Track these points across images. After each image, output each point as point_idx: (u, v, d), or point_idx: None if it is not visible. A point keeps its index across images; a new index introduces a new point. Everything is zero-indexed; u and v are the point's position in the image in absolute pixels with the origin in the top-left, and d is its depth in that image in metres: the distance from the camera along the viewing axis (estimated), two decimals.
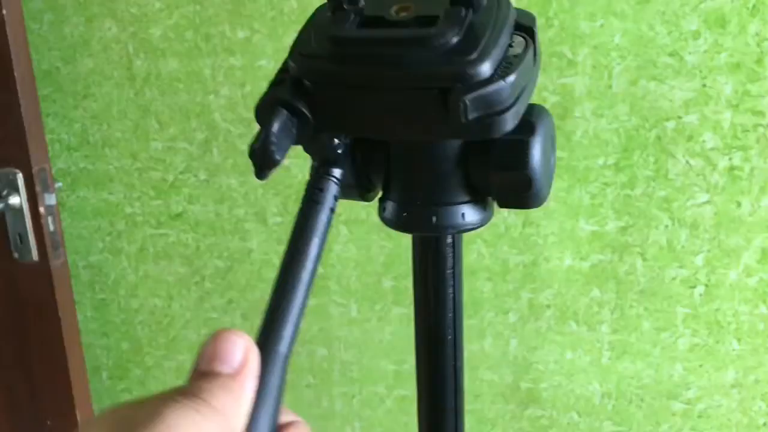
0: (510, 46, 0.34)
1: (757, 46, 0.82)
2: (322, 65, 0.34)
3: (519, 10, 0.37)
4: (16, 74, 1.00)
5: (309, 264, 0.33)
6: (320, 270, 1.08)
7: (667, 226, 0.91)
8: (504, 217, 0.97)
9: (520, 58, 0.34)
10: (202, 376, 0.29)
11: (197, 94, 1.04)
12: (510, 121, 0.33)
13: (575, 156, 0.92)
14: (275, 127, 0.33)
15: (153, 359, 1.24)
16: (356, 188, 0.39)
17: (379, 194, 0.41)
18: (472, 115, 0.32)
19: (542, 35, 0.88)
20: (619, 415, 1.01)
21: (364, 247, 1.04)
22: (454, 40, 0.32)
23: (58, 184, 1.15)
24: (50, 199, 1.06)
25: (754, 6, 0.81)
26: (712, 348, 0.94)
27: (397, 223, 0.39)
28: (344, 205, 0.84)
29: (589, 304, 0.98)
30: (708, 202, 0.89)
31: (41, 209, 1.05)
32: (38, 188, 1.04)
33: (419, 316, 0.42)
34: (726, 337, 0.93)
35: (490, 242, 0.99)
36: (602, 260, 0.96)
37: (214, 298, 1.16)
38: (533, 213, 0.96)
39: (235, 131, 1.05)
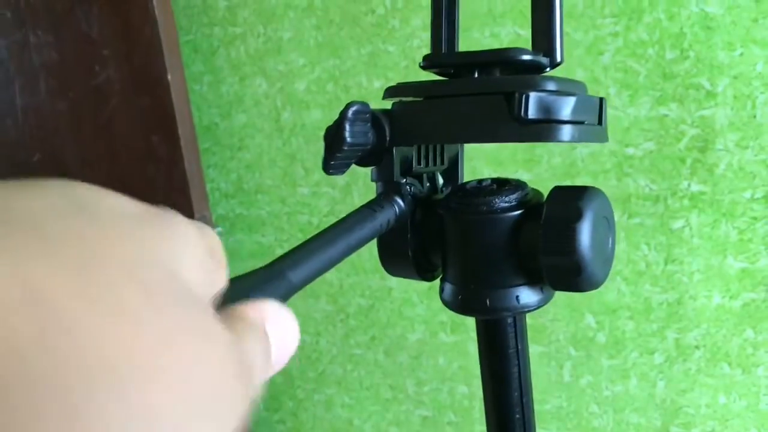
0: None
1: None
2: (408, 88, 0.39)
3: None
4: (180, 132, 1.11)
5: (348, 234, 0.35)
6: None
7: None
8: (644, 254, 0.94)
9: (583, 98, 0.36)
10: None
11: None
12: (566, 133, 0.34)
13: (719, 190, 0.88)
14: (351, 112, 0.36)
15: (304, 392, 1.31)
16: (415, 268, 0.41)
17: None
18: (532, 114, 0.34)
19: (677, 67, 0.86)
20: None
21: None
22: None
23: (218, 229, 1.25)
24: None
25: None
26: None
27: (453, 305, 0.40)
28: None
29: (742, 346, 0.92)
30: None
31: None
32: None
33: (486, 396, 0.43)
34: None
35: (630, 280, 0.96)
36: (755, 299, 0.90)
37: (358, 335, 1.21)
38: (676, 249, 0.92)
39: None
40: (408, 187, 0.40)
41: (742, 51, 0.82)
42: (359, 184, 1.11)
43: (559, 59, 0.36)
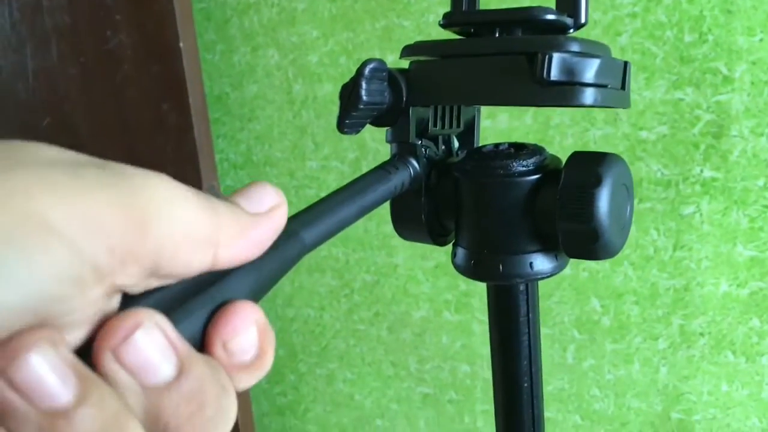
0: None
1: None
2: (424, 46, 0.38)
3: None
4: (190, 101, 1.10)
5: (362, 195, 0.35)
6: (463, 287, 1.09)
7: None
8: (653, 239, 0.94)
9: (608, 60, 0.35)
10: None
11: None
12: (589, 96, 0.33)
13: (732, 177, 0.87)
14: (369, 69, 0.36)
15: (306, 366, 1.31)
16: (428, 231, 0.40)
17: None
18: (554, 75, 0.33)
19: (695, 51, 0.85)
20: None
21: None
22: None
23: None
24: None
25: None
26: None
27: (466, 270, 0.40)
28: None
29: (747, 334, 0.92)
30: None
31: None
32: None
33: (495, 363, 0.42)
34: None
35: (637, 264, 0.96)
36: (763, 288, 0.89)
37: (362, 311, 1.21)
38: (685, 235, 0.92)
39: (383, 150, 1.09)
40: (423, 149, 0.39)
41: (761, 36, 0.81)
42: (369, 159, 1.10)
43: (583, 20, 0.36)
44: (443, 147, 0.44)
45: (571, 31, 0.37)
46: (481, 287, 1.08)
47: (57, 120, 1.19)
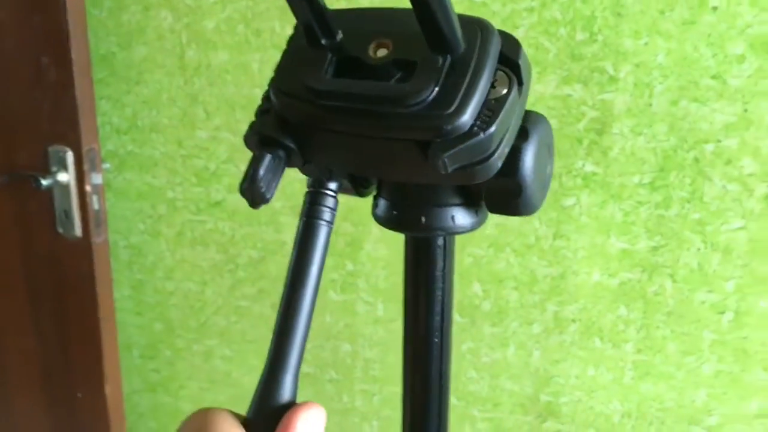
0: (492, 86, 0.32)
1: None
2: (303, 108, 0.34)
3: (503, 36, 0.34)
4: (73, 56, 1.04)
5: (312, 283, 0.34)
6: (350, 267, 1.09)
7: (699, 249, 0.90)
8: (535, 228, 0.97)
9: (502, 102, 0.32)
10: None
11: (244, 87, 1.07)
12: (494, 167, 0.33)
13: (610, 172, 0.92)
14: (262, 170, 0.34)
15: (183, 342, 1.27)
16: (352, 186, 0.39)
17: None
18: (453, 167, 0.32)
19: (585, 50, 0.89)
20: None
21: (395, 247, 1.05)
22: (431, 97, 0.31)
23: (106, 165, 1.19)
24: (97, 179, 1.10)
25: None
26: (737, 376, 0.93)
27: (387, 221, 0.39)
28: None
29: (615, 322, 0.98)
30: (742, 228, 0.88)
31: (87, 187, 1.09)
32: (86, 167, 1.08)
33: (407, 316, 0.42)
34: (752, 366, 0.92)
35: (519, 252, 0.99)
36: (631, 279, 0.95)
37: (246, 287, 1.19)
38: (565, 226, 0.96)
39: None
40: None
41: (647, 40, 0.86)
42: None
43: (462, 49, 0.32)
44: None
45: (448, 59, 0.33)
46: (368, 267, 1.08)
47: None
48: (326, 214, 0.35)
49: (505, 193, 0.36)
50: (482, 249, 1.01)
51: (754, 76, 0.83)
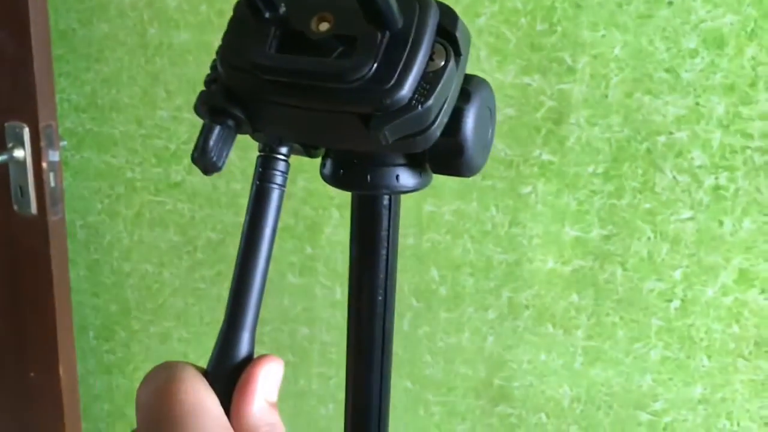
0: (431, 59, 0.33)
1: (752, 70, 0.84)
2: (248, 80, 0.34)
3: (441, 8, 0.35)
4: (32, 31, 1.02)
5: (266, 245, 0.35)
6: (309, 251, 1.10)
7: (649, 239, 0.93)
8: (492, 215, 0.99)
9: (439, 74, 0.33)
10: None
11: (206, 67, 1.05)
12: (433, 136, 0.34)
13: (566, 161, 0.94)
14: (212, 140, 0.34)
15: (139, 323, 1.27)
16: (303, 149, 0.40)
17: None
18: (393, 139, 0.33)
19: (545, 40, 0.90)
20: (587, 420, 1.03)
21: None
22: (370, 73, 0.32)
23: (63, 143, 1.18)
24: (54, 156, 1.09)
25: (752, 30, 0.83)
26: (682, 362, 0.96)
27: (333, 179, 0.40)
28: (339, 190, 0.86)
29: (566, 308, 1.00)
30: (691, 218, 0.91)
31: (44, 164, 1.08)
32: (43, 143, 1.07)
33: (352, 275, 0.43)
34: (697, 352, 0.95)
35: (476, 238, 1.01)
36: (583, 266, 0.97)
37: (204, 269, 1.18)
38: (521, 214, 0.98)
39: None
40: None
41: (604, 33, 0.88)
42: None
43: (400, 24, 0.33)
44: None
45: (387, 34, 0.34)
46: (327, 251, 1.09)
47: None
48: (278, 178, 0.35)
49: (448, 154, 0.37)
50: (440, 235, 1.02)
51: (705, 71, 0.85)
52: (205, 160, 0.34)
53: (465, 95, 0.36)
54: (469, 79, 0.37)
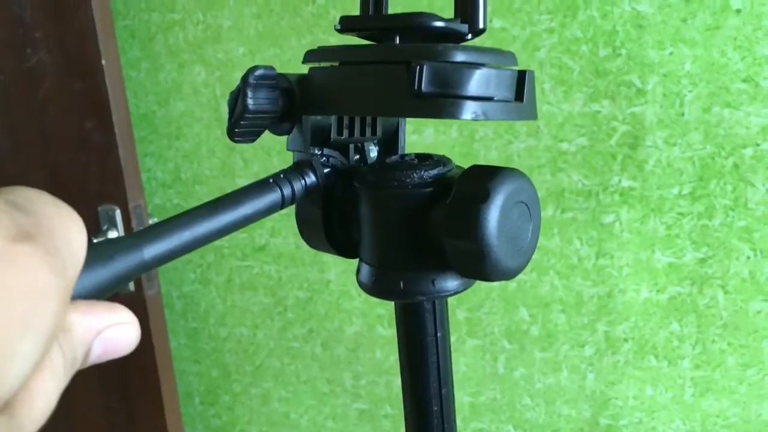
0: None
1: None
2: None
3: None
4: (114, 118, 1.08)
5: (231, 211, 0.33)
6: None
7: (748, 258, 0.87)
8: (576, 248, 0.96)
9: (493, 72, 0.32)
10: None
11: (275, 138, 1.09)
12: (467, 110, 0.31)
13: (648, 186, 0.90)
14: (254, 77, 0.33)
15: (240, 386, 1.29)
16: (329, 243, 0.38)
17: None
18: (427, 88, 0.30)
19: (609, 65, 0.88)
20: None
21: None
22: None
23: (153, 219, 1.23)
24: None
25: None
26: None
27: (368, 287, 0.37)
28: None
29: (668, 338, 0.95)
30: None
31: None
32: (134, 223, 1.12)
33: (405, 386, 0.40)
34: None
35: (563, 274, 0.98)
36: (681, 293, 0.92)
37: (296, 328, 1.20)
38: (606, 244, 0.94)
39: None
40: (325, 158, 0.38)
41: (671, 50, 0.84)
42: None
43: (481, 26, 0.33)
44: (357, 156, 0.41)
45: (469, 37, 0.35)
46: None
47: None
48: (284, 184, 0.35)
49: (468, 258, 0.33)
50: (525, 274, 1.00)
51: None
52: (242, 99, 0.34)
53: (484, 192, 0.32)
54: (493, 172, 0.33)
